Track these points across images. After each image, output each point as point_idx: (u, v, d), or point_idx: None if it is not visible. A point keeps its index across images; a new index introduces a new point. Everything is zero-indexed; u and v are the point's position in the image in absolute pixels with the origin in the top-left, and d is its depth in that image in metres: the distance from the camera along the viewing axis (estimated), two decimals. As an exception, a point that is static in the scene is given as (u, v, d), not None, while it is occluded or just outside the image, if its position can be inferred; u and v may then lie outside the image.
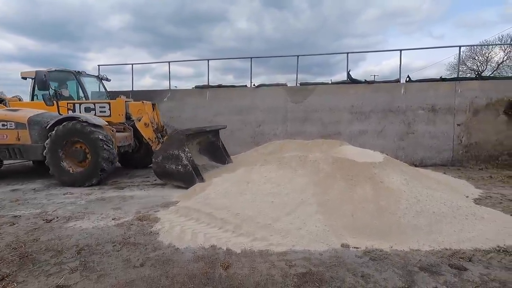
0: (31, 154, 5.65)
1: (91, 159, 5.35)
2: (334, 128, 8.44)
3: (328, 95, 8.49)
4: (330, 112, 8.48)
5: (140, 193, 4.87)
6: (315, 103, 8.55)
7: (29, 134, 5.55)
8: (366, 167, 4.17)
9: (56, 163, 5.33)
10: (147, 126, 5.86)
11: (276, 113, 8.84)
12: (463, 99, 7.76)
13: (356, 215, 3.27)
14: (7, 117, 5.62)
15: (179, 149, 5.04)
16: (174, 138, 5.20)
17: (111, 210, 3.93)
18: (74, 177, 5.33)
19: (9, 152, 5.67)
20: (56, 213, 3.81)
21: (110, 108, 6.18)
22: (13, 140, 5.58)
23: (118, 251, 2.72)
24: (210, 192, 4.03)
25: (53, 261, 2.52)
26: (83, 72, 6.83)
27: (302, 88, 8.75)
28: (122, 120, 6.24)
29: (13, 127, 5.57)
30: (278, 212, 3.34)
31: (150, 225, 3.33)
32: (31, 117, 5.61)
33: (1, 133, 5.62)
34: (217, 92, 9.39)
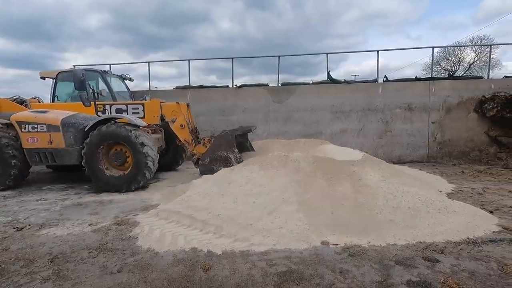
0: (65, 159, 5.28)
1: (133, 163, 5.06)
2: (315, 127, 8.57)
3: (309, 95, 8.61)
4: (312, 112, 8.61)
5: (119, 197, 4.74)
6: (297, 103, 8.65)
7: (63, 137, 5.20)
8: (345, 165, 4.26)
9: (94, 166, 5.04)
10: (183, 127, 5.68)
11: (258, 113, 8.87)
12: (436, 98, 8.10)
13: (336, 212, 3.33)
14: (38, 119, 5.25)
15: (228, 151, 4.90)
16: (223, 139, 5.05)
17: (87, 216, 3.80)
18: (114, 181, 5.05)
19: (39, 157, 5.29)
20: (28, 220, 3.64)
21: (144, 109, 5.88)
22: (44, 143, 5.21)
23: (94, 257, 2.63)
24: (191, 194, 3.98)
25: (24, 271, 2.41)
26: (108, 71, 6.54)
27: (284, 88, 8.82)
28: (157, 122, 5.94)
29: (45, 130, 5.20)
30: (260, 212, 3.35)
31: (129, 230, 3.25)
32: (65, 118, 5.25)
33: (31, 136, 5.23)
34: (199, 93, 9.30)
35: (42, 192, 5.09)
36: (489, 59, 11.41)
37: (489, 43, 21.10)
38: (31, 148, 5.29)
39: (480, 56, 23.91)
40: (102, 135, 5.03)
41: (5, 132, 5.26)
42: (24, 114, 5.46)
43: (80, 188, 5.38)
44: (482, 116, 7.79)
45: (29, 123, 5.28)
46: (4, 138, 5.17)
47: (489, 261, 2.41)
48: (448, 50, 24.56)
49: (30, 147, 5.28)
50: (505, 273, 2.23)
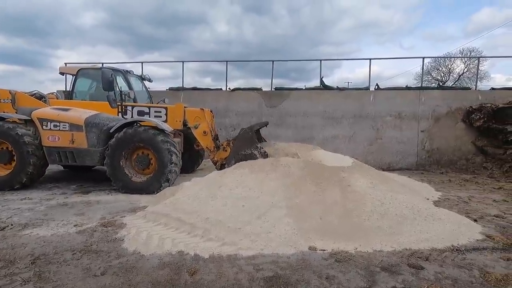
0: (86, 159, 5.15)
1: (157, 167, 4.96)
2: (307, 132, 8.63)
3: (302, 100, 8.68)
4: (304, 117, 8.67)
5: (107, 198, 4.66)
6: (290, 108, 8.70)
7: (86, 137, 5.06)
8: (335, 171, 4.29)
9: (117, 168, 4.94)
10: (206, 134, 5.56)
11: (251, 117, 8.88)
12: (426, 107, 8.27)
13: (325, 218, 3.35)
14: (60, 117, 5.11)
15: (251, 147, 4.81)
16: (243, 137, 4.96)
17: (73, 216, 3.73)
18: (136, 184, 4.96)
19: (59, 156, 5.15)
20: (10, 220, 3.55)
21: (167, 113, 5.74)
22: (66, 142, 5.07)
23: (78, 259, 2.58)
24: (180, 196, 3.95)
25: (3, 272, 2.34)
26: (131, 71, 6.31)
27: (277, 93, 8.88)
28: (179, 127, 5.80)
29: (67, 129, 5.07)
30: (249, 216, 3.34)
31: (115, 232, 3.20)
32: (88, 118, 5.12)
33: (52, 134, 5.09)
34: (192, 95, 9.27)
35: (27, 191, 4.97)
36: (477, 70, 11.73)
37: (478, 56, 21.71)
38: (51, 147, 5.14)
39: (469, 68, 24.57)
40: (128, 138, 4.93)
41: (26, 129, 5.10)
42: (46, 111, 5.31)
43: (67, 188, 5.28)
44: (470, 126, 7.98)
45: (51, 121, 5.13)
46: (25, 135, 4.98)
47: (472, 269, 2.46)
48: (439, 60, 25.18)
49: (50, 146, 5.13)
50: (486, 281, 2.27)
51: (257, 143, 4.99)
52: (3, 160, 5.13)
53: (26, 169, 4.96)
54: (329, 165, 4.59)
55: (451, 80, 25.36)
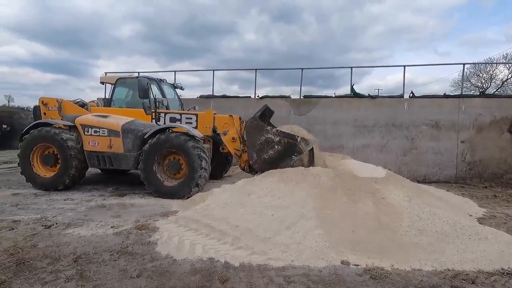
0: (122, 163, 5.44)
1: (187, 172, 5.10)
2: (337, 141, 8.43)
3: (332, 108, 8.52)
4: (333, 125, 8.49)
5: (141, 201, 4.86)
6: (319, 115, 8.58)
7: (122, 142, 5.35)
8: (367, 182, 4.14)
9: (150, 173, 5.15)
10: (234, 140, 5.67)
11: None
12: (466, 116, 7.75)
13: (357, 231, 3.22)
14: (100, 124, 5.47)
15: (262, 133, 4.82)
16: (250, 127, 5.00)
17: (110, 218, 3.92)
18: (167, 188, 5.13)
19: (98, 160, 5.48)
20: (55, 219, 3.81)
21: (197, 120, 5.94)
22: (104, 147, 5.40)
23: (115, 260, 2.69)
24: (210, 203, 4.01)
25: (50, 268, 2.50)
26: (164, 80, 6.68)
27: (306, 101, 8.80)
28: (209, 133, 5.95)
29: (106, 134, 5.39)
30: (278, 226, 3.30)
31: (149, 235, 3.31)
32: (125, 124, 5.42)
33: (92, 139, 5.44)
34: (222, 102, 9.46)
35: (69, 192, 5.31)
36: (525, 77, 10.82)
37: (525, 60, 20.05)
38: (91, 151, 5.47)
39: (514, 74, 22.70)
40: (161, 144, 5.12)
41: (69, 134, 5.46)
42: (88, 118, 5.68)
43: (104, 190, 5.57)
44: (517, 137, 7.34)
45: (92, 127, 5.48)
46: (68, 140, 5.33)
47: (527, 297, 2.23)
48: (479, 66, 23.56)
49: (91, 150, 5.47)
50: (545, 312, 2.04)
51: (266, 127, 4.91)
52: (49, 162, 5.53)
53: (69, 171, 5.31)
54: (361, 175, 4.44)
55: (493, 87, 23.59)
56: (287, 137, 4.82)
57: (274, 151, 4.83)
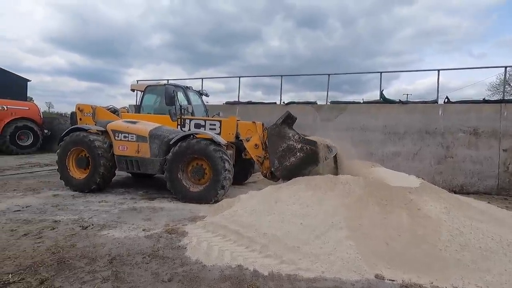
0: (148, 168, 5.63)
1: (211, 177, 5.18)
2: (365, 148, 8.15)
3: (360, 114, 8.29)
4: (361, 132, 8.25)
5: (169, 205, 4.97)
6: (346, 122, 8.38)
7: (149, 148, 5.55)
8: (401, 192, 3.95)
9: (175, 178, 5.28)
10: (257, 147, 5.69)
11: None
12: (509, 122, 7.20)
13: (391, 243, 3.07)
14: (129, 129, 5.72)
15: (284, 139, 4.81)
16: (272, 134, 5.01)
17: (141, 221, 4.05)
18: (192, 193, 5.23)
19: (126, 164, 5.74)
20: (91, 220, 4.00)
21: (220, 126, 6.04)
22: (132, 152, 5.64)
23: (147, 263, 2.76)
24: (237, 209, 4.01)
25: (88, 268, 2.62)
26: (190, 87, 6.96)
27: (333, 107, 8.64)
28: (232, 140, 6.02)
29: (134, 140, 5.62)
30: (307, 235, 3.23)
31: (178, 239, 3.37)
32: (152, 130, 5.63)
33: (122, 144, 5.71)
34: (247, 108, 9.55)
35: (103, 195, 5.57)
36: None
37: None
38: (120, 155, 5.73)
39: None
40: (183, 151, 5.24)
41: (100, 139, 5.76)
42: (118, 124, 5.95)
43: (135, 194, 5.78)
44: None
45: (121, 132, 5.74)
46: (96, 141, 5.64)
47: None
48: (522, 69, 21.89)
49: (120, 154, 5.72)
50: None
51: (288, 133, 4.84)
52: (82, 165, 5.84)
53: (98, 171, 5.57)
54: (393, 184, 4.24)
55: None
56: (309, 144, 4.74)
57: (296, 158, 4.80)
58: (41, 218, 3.97)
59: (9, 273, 2.47)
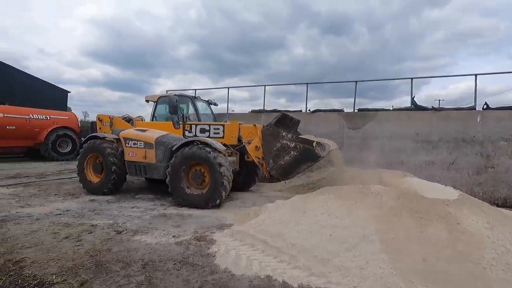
0: (154, 173, 5.93)
1: (210, 182, 5.35)
2: (396, 157, 7.85)
3: (389, 122, 8.02)
4: (391, 140, 7.95)
5: (197, 213, 5.07)
6: (375, 129, 8.13)
7: (155, 154, 5.90)
8: (438, 204, 3.74)
9: (176, 184, 5.49)
10: (258, 149, 5.86)
11: (332, 139, 8.59)
12: (560, 130, 6.61)
13: (429, 260, 2.90)
14: (138, 137, 6.16)
15: (278, 139, 4.95)
16: (267, 134, 5.18)
17: (171, 227, 4.16)
18: (192, 198, 5.38)
19: (135, 169, 6.13)
20: (125, 225, 4.17)
21: (223, 130, 6.32)
22: (140, 158, 6.04)
23: (178, 270, 2.82)
24: (265, 218, 4.00)
25: (123, 272, 2.73)
26: (198, 97, 7.46)
27: (361, 114, 8.43)
28: (234, 142, 6.25)
29: (142, 146, 6.03)
30: (337, 247, 3.15)
31: (207, 247, 3.42)
32: (158, 137, 6.01)
33: (131, 151, 6.16)
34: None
35: (135, 201, 5.80)
36: None
37: None
38: (130, 161, 6.16)
39: None
40: (185, 156, 5.46)
41: (113, 146, 6.27)
42: (129, 132, 6.41)
43: (164, 200, 5.96)
44: None
45: (131, 140, 6.19)
46: (108, 148, 6.16)
47: None
48: None
49: (130, 160, 6.16)
50: None
51: (282, 133, 4.95)
52: (98, 170, 6.32)
53: (110, 176, 6.02)
54: (428, 196, 4.03)
55: None
56: (302, 143, 4.82)
57: (290, 156, 4.93)
58: (80, 222, 4.21)
59: (53, 274, 2.64)
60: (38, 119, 12.21)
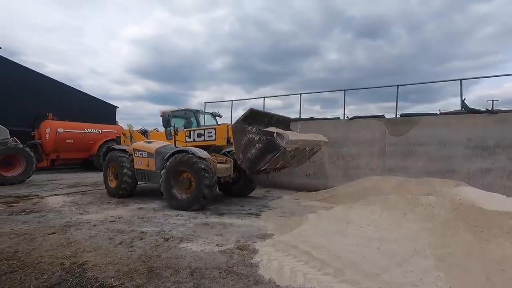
0: (154, 179, 6.70)
1: (194, 187, 5.87)
2: (445, 164, 7.29)
3: (437, 127, 7.49)
4: (440, 146, 7.41)
5: (238, 222, 5.15)
6: (420, 135, 7.65)
7: (155, 162, 6.67)
8: (500, 217, 3.40)
9: (168, 188, 6.11)
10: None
11: (373, 146, 8.26)
12: None
13: (493, 279, 2.63)
14: (143, 148, 7.03)
15: (245, 133, 5.28)
16: (235, 131, 5.50)
17: (214, 236, 4.27)
18: (181, 202, 5.98)
19: (141, 175, 7.00)
20: (171, 233, 4.38)
21: (215, 132, 6.79)
22: (144, 166, 6.89)
23: (224, 278, 2.89)
24: (307, 229, 3.94)
25: (172, 279, 2.86)
26: (200, 110, 8.18)
27: (404, 120, 8.00)
28: (224, 143, 6.67)
29: (146, 156, 6.88)
30: (386, 261, 2.99)
31: (250, 256, 3.45)
32: (157, 148, 6.79)
33: (139, 160, 7.02)
34: (309, 124, 9.49)
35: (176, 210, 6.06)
36: None
37: None
38: (138, 169, 7.00)
39: None
40: (175, 163, 6.05)
41: (127, 156, 7.19)
42: (138, 144, 7.28)
43: (206, 209, 6.15)
44: None
45: (138, 150, 7.04)
46: (124, 160, 7.09)
47: None
48: None
49: (137, 168, 7.01)
50: None
51: (247, 128, 5.25)
52: (116, 177, 7.27)
53: (122, 183, 6.96)
54: (488, 208, 3.68)
55: None
56: (265, 135, 5.06)
57: (256, 149, 5.18)
58: (131, 229, 4.51)
59: (111, 277, 2.85)
60: (92, 133, 13.42)
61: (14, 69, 15.10)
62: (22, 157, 9.29)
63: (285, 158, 5.47)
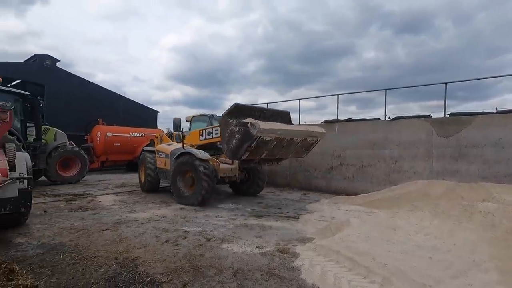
0: (168, 177, 7.39)
1: (196, 184, 6.50)
2: (504, 168, 6.61)
3: (494, 126, 6.83)
4: (497, 148, 6.74)
5: (276, 224, 5.15)
6: (473, 136, 7.03)
7: (170, 162, 7.37)
8: None
9: (175, 185, 6.92)
10: None
11: (417, 148, 7.76)
12: None
13: None
14: (163, 149, 7.93)
15: (228, 126, 5.67)
16: (221, 127, 5.95)
17: (254, 238, 4.31)
18: (186, 197, 6.68)
19: (162, 174, 7.87)
20: (212, 233, 4.51)
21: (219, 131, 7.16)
22: (163, 165, 7.74)
23: (266, 280, 2.90)
24: (349, 234, 3.82)
25: (217, 278, 2.94)
26: (215, 115, 8.56)
27: (454, 119, 7.41)
28: None
29: (164, 157, 7.73)
30: (440, 272, 2.79)
31: (291, 260, 3.43)
32: (172, 150, 7.48)
33: (159, 160, 7.93)
34: (346, 126, 9.21)
35: (218, 210, 6.23)
36: None
37: None
38: (159, 168, 7.93)
39: None
40: (179, 163, 6.81)
41: (152, 157, 8.20)
42: (160, 146, 8.24)
43: (244, 210, 6.24)
44: None
45: (160, 152, 7.97)
46: (149, 160, 8.17)
47: None
48: None
49: (159, 167, 7.95)
50: None
51: (230, 121, 5.64)
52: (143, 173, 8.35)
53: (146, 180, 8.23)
54: (561, 218, 3.26)
55: None
56: (241, 126, 5.39)
57: (236, 139, 5.55)
58: (175, 228, 4.72)
59: (160, 273, 3.01)
60: (136, 137, 14.33)
61: (69, 79, 16.72)
62: (77, 159, 10.22)
63: (267, 148, 5.80)
